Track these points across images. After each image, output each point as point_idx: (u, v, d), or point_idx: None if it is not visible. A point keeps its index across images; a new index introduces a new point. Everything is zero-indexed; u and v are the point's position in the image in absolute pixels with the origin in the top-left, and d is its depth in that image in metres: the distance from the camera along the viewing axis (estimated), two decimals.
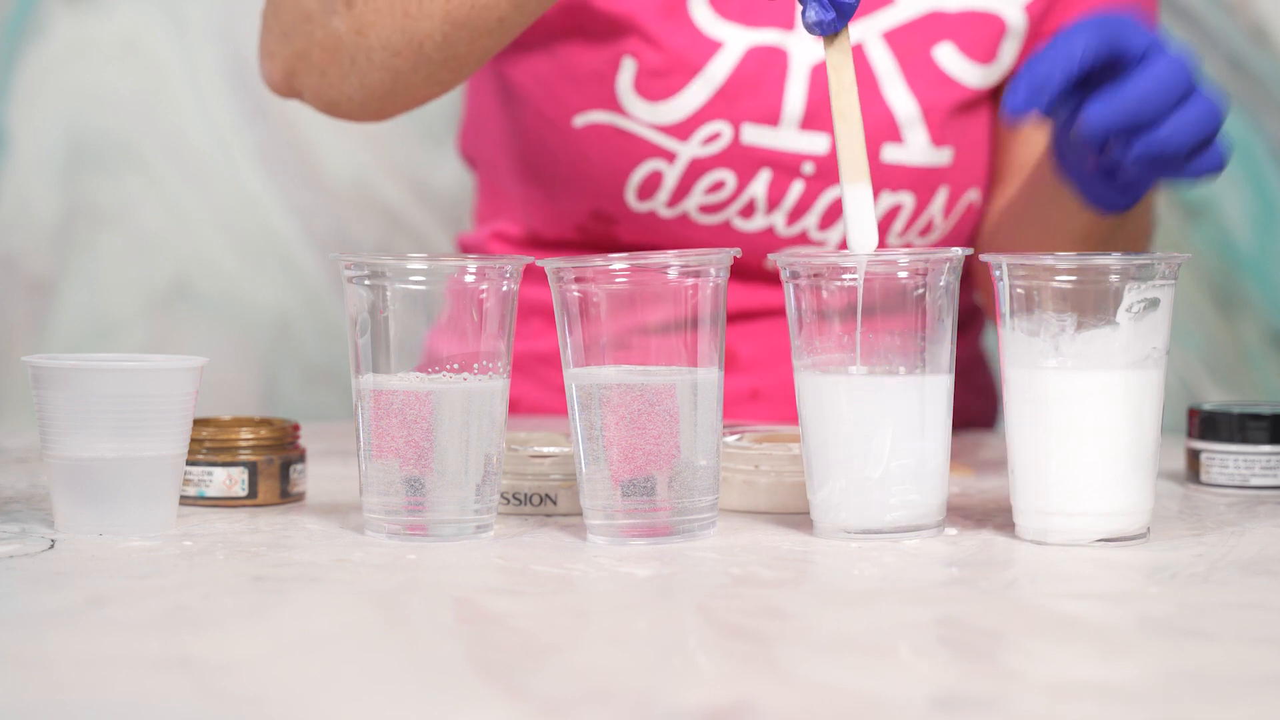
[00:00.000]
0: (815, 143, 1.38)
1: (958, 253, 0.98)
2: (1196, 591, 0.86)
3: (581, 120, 1.40)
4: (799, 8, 1.01)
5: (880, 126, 1.38)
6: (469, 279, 0.97)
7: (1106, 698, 0.69)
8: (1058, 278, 0.96)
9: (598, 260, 0.96)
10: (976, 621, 0.81)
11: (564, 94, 1.40)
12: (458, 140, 1.58)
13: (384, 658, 0.74)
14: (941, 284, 0.98)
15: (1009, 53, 1.40)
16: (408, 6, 1.18)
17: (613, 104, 1.38)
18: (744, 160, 1.39)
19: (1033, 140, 1.41)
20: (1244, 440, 1.14)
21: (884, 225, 1.40)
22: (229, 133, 1.97)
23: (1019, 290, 0.97)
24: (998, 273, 0.97)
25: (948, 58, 1.39)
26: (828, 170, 1.39)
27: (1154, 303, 0.96)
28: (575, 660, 0.74)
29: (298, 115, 1.98)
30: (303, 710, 0.67)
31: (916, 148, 1.39)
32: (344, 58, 1.22)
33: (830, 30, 1.01)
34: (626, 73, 1.38)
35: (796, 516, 1.04)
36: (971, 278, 1.51)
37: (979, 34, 1.39)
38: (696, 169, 1.39)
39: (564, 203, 1.44)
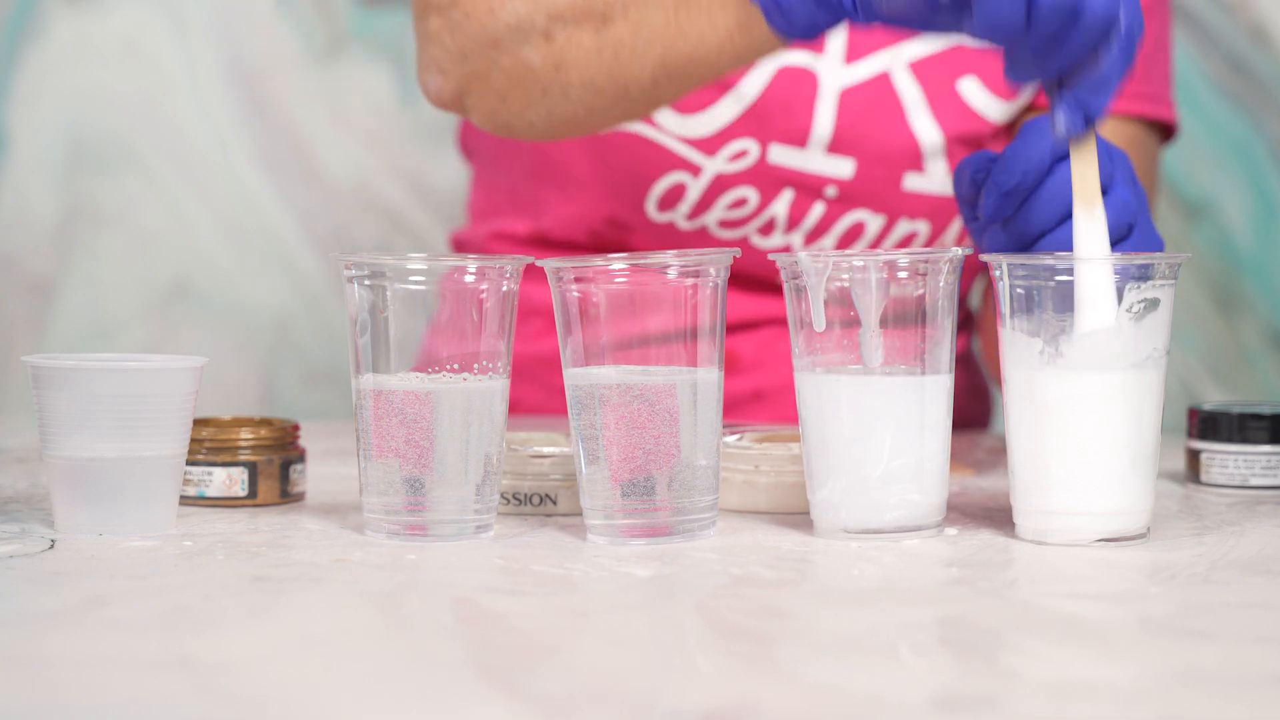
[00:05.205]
0: (840, 166, 1.38)
1: (958, 253, 0.98)
2: (1196, 591, 0.86)
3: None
4: (1051, 113, 1.01)
5: (904, 155, 1.38)
6: (469, 279, 0.97)
7: (1106, 698, 0.69)
8: (1058, 278, 0.96)
9: (598, 260, 0.96)
10: (976, 621, 0.81)
11: None
12: (458, 131, 1.57)
13: (384, 658, 0.74)
14: (941, 284, 0.98)
15: (1030, 89, 1.40)
16: (619, 50, 1.14)
17: None
18: (768, 179, 1.39)
19: None
20: (1244, 440, 1.14)
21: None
22: (229, 133, 1.97)
23: (1019, 290, 0.97)
24: (997, 272, 0.97)
25: (971, 91, 1.39)
26: (850, 194, 1.39)
27: (1154, 303, 0.96)
28: (575, 660, 0.74)
29: (298, 115, 1.98)
30: (303, 710, 0.67)
31: (937, 177, 1.39)
32: (534, 88, 1.17)
33: (1079, 136, 1.01)
34: None
35: (796, 516, 1.04)
36: (974, 327, 1.52)
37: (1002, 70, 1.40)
38: (720, 184, 1.39)
39: (580, 206, 1.43)
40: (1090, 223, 0.99)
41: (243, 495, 1.06)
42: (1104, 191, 1.04)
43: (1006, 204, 1.03)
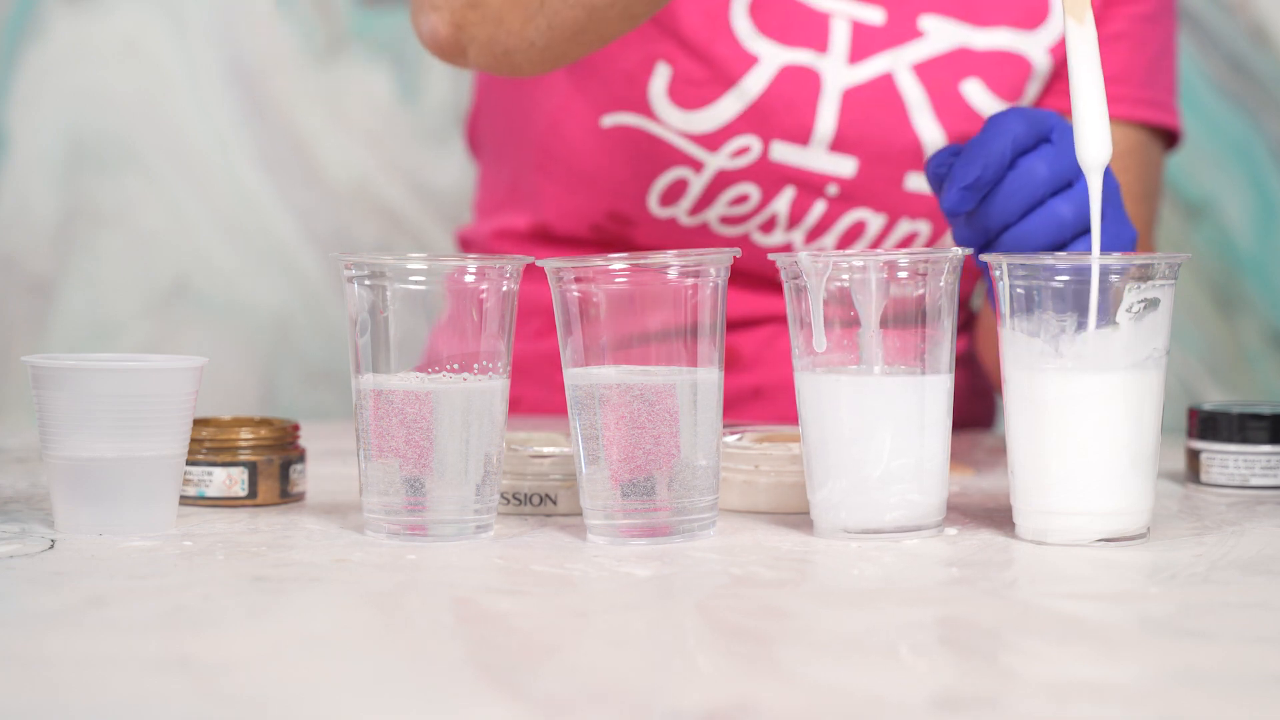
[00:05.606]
0: (842, 165, 1.38)
1: (958, 253, 0.98)
2: (1196, 591, 0.86)
3: (609, 120, 1.39)
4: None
5: (907, 155, 1.39)
6: (469, 279, 0.97)
7: (1106, 698, 0.69)
8: (1057, 278, 0.96)
9: (598, 260, 0.96)
10: (976, 621, 0.81)
11: (592, 91, 1.39)
12: (465, 125, 1.57)
13: (384, 658, 0.74)
14: (941, 284, 0.98)
15: (1032, 94, 1.41)
16: None
17: (644, 108, 1.38)
18: (770, 176, 1.39)
19: None
20: (1244, 440, 1.14)
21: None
22: (229, 133, 1.97)
23: (1019, 291, 0.97)
24: (997, 273, 0.97)
25: (975, 93, 1.39)
26: (851, 193, 1.39)
27: (1154, 303, 0.96)
28: (575, 660, 0.74)
29: (298, 115, 1.98)
30: (303, 710, 0.67)
31: None
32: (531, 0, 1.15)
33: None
34: (660, 78, 1.37)
35: (796, 516, 1.04)
36: (971, 331, 1.52)
37: (1005, 73, 1.40)
38: (722, 180, 1.39)
39: (582, 200, 1.43)
40: (1080, 35, 0.99)
41: (243, 495, 1.06)
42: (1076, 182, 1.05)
43: (967, 198, 1.04)
